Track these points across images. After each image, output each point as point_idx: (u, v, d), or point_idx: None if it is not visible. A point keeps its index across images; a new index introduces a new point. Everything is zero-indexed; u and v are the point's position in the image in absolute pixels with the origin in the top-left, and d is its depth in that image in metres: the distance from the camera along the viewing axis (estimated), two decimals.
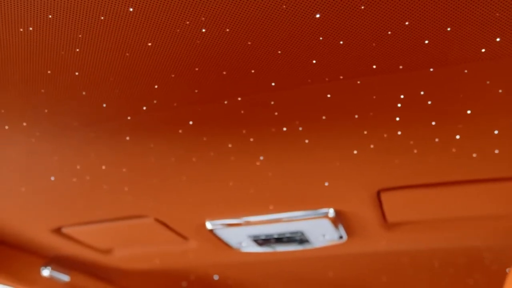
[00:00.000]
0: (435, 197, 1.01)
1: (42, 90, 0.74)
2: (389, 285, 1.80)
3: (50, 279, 1.48)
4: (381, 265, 1.64)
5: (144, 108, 0.77)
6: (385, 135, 0.82)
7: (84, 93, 0.74)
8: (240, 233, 1.26)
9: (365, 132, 0.81)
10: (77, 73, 0.70)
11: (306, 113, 0.77)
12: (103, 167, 0.97)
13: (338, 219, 1.17)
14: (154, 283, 1.85)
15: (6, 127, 0.84)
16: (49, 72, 0.70)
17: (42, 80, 0.71)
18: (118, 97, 0.75)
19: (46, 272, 1.46)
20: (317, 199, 1.08)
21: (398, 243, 1.34)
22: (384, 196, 1.04)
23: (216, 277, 1.90)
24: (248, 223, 1.20)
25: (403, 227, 1.24)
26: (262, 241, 1.29)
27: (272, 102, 0.75)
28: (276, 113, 0.77)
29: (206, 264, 1.69)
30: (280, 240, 1.27)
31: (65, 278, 1.52)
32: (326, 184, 1.00)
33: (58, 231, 1.32)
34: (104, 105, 0.77)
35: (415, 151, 0.86)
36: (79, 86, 0.72)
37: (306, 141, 0.85)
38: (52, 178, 1.02)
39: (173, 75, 0.69)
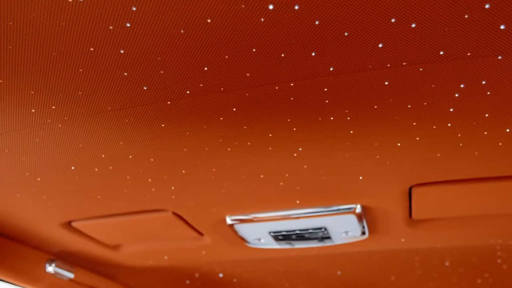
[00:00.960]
0: (469, 193, 0.99)
1: (80, 70, 0.68)
2: (401, 283, 1.79)
3: (53, 275, 1.41)
4: (398, 262, 1.62)
5: (188, 92, 0.73)
6: (434, 127, 0.79)
7: (125, 73, 0.69)
8: (260, 229, 1.22)
9: (414, 123, 0.78)
10: (122, 51, 0.65)
11: (358, 101, 0.73)
12: (130, 157, 0.91)
13: (364, 216, 1.14)
14: (159, 280, 1.79)
15: (33, 111, 0.78)
16: (91, 49, 0.64)
17: (82, 58, 0.66)
18: (162, 80, 0.70)
19: (50, 268, 1.39)
20: (346, 194, 1.05)
21: (417, 241, 1.32)
22: (416, 192, 1.01)
23: (220, 275, 1.86)
24: (271, 218, 1.16)
25: (426, 224, 1.22)
26: (283, 237, 1.25)
27: (326, 89, 0.71)
28: (327, 101, 0.74)
29: (216, 261, 1.64)
30: (301, 236, 1.24)
31: (69, 275, 1.45)
32: (360, 178, 0.96)
33: (67, 225, 1.25)
34: (145, 88, 0.72)
35: (461, 144, 0.83)
36: (121, 66, 0.67)
37: (351, 131, 0.81)
38: (72, 168, 0.96)
39: (227, 56, 0.65)
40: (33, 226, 1.24)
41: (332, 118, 0.78)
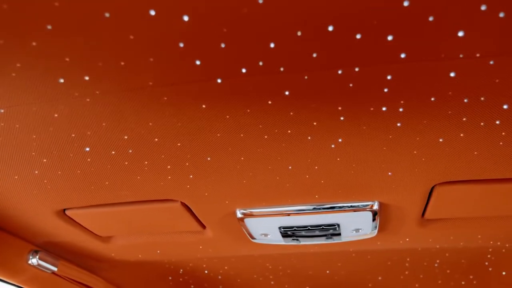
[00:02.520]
0: (491, 193, 0.99)
1: (131, 37, 0.61)
2: (387, 284, 1.80)
3: (36, 268, 1.30)
4: (389, 262, 1.63)
5: (244, 70, 0.67)
6: (482, 124, 0.78)
7: (181, 44, 0.63)
8: (271, 224, 1.17)
9: (464, 119, 0.77)
10: (186, 18, 0.58)
11: (417, 92, 0.71)
12: (156, 140, 0.84)
13: (379, 213, 1.12)
14: (145, 275, 1.70)
15: (61, 80, 0.70)
16: (152, 13, 0.58)
17: (138, 21, 0.59)
18: (221, 55, 0.64)
19: (34, 260, 1.27)
20: (367, 190, 1.02)
21: (419, 241, 1.32)
22: (438, 190, 1.00)
23: (206, 271, 1.79)
24: (285, 213, 1.12)
25: (435, 224, 1.22)
26: (292, 233, 1.21)
27: (389, 77, 0.68)
28: (386, 90, 0.71)
29: (207, 257, 1.58)
30: (311, 232, 1.20)
31: (52, 268, 1.34)
32: (390, 174, 0.94)
33: (61, 213, 1.15)
34: (198, 63, 0.66)
35: (501, 143, 0.83)
36: (179, 35, 0.61)
37: (399, 124, 0.79)
38: (87, 149, 0.87)
39: (299, 33, 0.60)
40: (22, 213, 1.13)
41: (384, 109, 0.75)
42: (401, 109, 0.75)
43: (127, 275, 1.69)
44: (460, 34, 0.60)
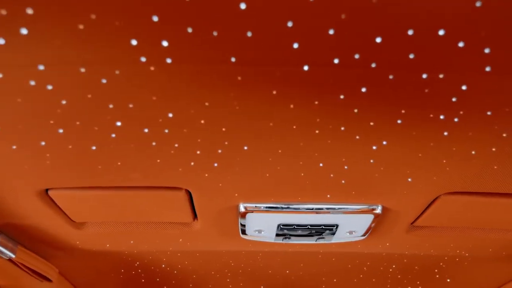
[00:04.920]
0: (491, 206, 1.07)
1: (243, 6, 0.56)
2: (339, 286, 1.86)
3: None
4: (349, 265, 1.68)
5: (336, 61, 0.65)
6: (503, 135, 0.83)
7: (290, 24, 0.59)
8: (271, 220, 1.15)
9: (504, 135, 0.82)
10: None
11: (479, 104, 0.74)
12: (202, 122, 0.78)
13: (378, 217, 1.16)
14: (101, 266, 1.57)
15: (134, 43, 0.62)
16: None
17: None
18: (325, 41, 0.61)
19: None
20: (377, 193, 1.05)
21: (401, 246, 1.39)
22: (441, 200, 1.06)
23: (163, 265, 1.71)
24: (291, 211, 1.10)
25: (420, 231, 1.29)
26: (288, 230, 1.20)
27: (464, 87, 0.70)
28: (454, 99, 0.73)
29: (177, 250, 1.50)
30: (307, 231, 1.20)
31: (10, 254, 1.18)
32: (409, 180, 0.98)
33: (42, 193, 1.02)
34: (296, 46, 0.62)
35: None
36: (291, 13, 0.57)
37: (445, 133, 0.82)
38: (118, 124, 0.78)
39: (410, 32, 0.60)
40: (2, 188, 0.98)
41: (442, 117, 0.77)
42: (456, 119, 0.78)
43: (81, 265, 1.55)
44: None
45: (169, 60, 0.64)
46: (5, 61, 0.64)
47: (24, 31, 0.59)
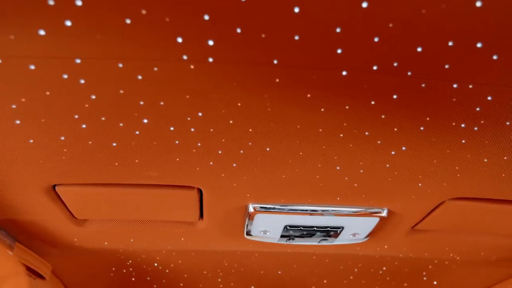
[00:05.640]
0: (492, 212, 1.11)
1: (296, 10, 0.57)
2: (329, 286, 1.88)
3: None
4: (342, 267, 1.71)
5: (375, 68, 0.66)
6: None
7: (338, 30, 0.60)
8: (278, 221, 1.16)
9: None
10: (365, 5, 0.56)
11: (504, 115, 0.77)
12: (230, 122, 0.78)
13: (383, 220, 1.18)
14: (93, 264, 1.53)
15: (179, 40, 0.61)
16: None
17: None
18: (373, 48, 0.62)
19: None
20: (385, 196, 1.07)
21: (398, 249, 1.42)
22: (445, 205, 1.10)
23: (155, 264, 1.69)
24: (300, 212, 1.11)
25: (419, 235, 1.32)
26: (294, 231, 1.21)
27: (490, 98, 0.73)
28: (478, 108, 0.76)
29: (174, 250, 1.49)
30: (311, 233, 1.22)
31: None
32: (420, 185, 1.00)
33: (49, 189, 0.99)
34: (339, 51, 0.63)
35: None
36: (336, 22, 0.58)
37: (463, 141, 0.85)
38: (145, 121, 0.77)
39: (450, 43, 0.62)
40: (8, 182, 0.94)
41: (463, 126, 0.80)
42: (476, 128, 0.81)
43: (74, 263, 1.51)
44: None
45: (210, 59, 0.64)
46: (40, 52, 0.62)
47: (68, 23, 0.58)
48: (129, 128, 0.79)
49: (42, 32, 0.59)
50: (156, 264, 1.70)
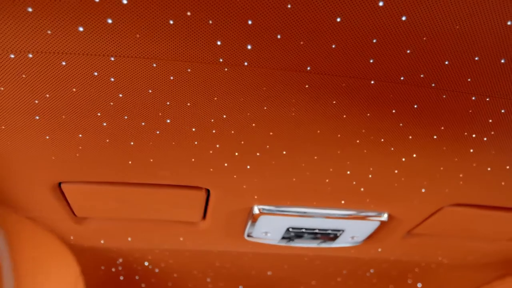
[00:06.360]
0: (484, 218, 1.16)
1: (338, 19, 0.58)
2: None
3: None
4: (331, 269, 1.74)
5: (402, 78, 0.69)
6: None
7: (375, 40, 0.62)
8: (281, 223, 1.17)
9: None
10: (404, 18, 0.58)
11: (503, 125, 0.81)
12: (253, 125, 0.79)
13: (382, 224, 1.21)
14: (84, 262, 1.51)
15: (218, 43, 0.62)
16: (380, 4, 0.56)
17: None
18: (400, 58, 0.65)
19: None
20: (387, 201, 1.10)
21: (391, 252, 1.46)
22: (444, 211, 1.14)
23: (146, 263, 1.67)
24: (300, 214, 1.13)
25: (413, 239, 1.36)
26: (295, 233, 1.22)
27: (503, 110, 0.77)
28: (490, 120, 0.79)
29: (166, 249, 1.48)
30: (312, 235, 1.24)
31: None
32: (423, 190, 1.04)
33: (55, 186, 0.97)
34: (371, 61, 0.65)
35: None
36: (372, 32, 0.60)
37: (471, 150, 0.88)
38: (168, 121, 0.77)
39: (477, 58, 0.65)
40: (14, 178, 0.92)
41: (474, 136, 0.84)
42: (485, 138, 0.85)
43: (63, 261, 1.48)
44: None
45: (246, 63, 0.65)
46: (75, 49, 0.62)
47: (109, 20, 0.57)
48: (150, 128, 0.79)
49: (81, 29, 0.59)
50: (146, 263, 1.69)
